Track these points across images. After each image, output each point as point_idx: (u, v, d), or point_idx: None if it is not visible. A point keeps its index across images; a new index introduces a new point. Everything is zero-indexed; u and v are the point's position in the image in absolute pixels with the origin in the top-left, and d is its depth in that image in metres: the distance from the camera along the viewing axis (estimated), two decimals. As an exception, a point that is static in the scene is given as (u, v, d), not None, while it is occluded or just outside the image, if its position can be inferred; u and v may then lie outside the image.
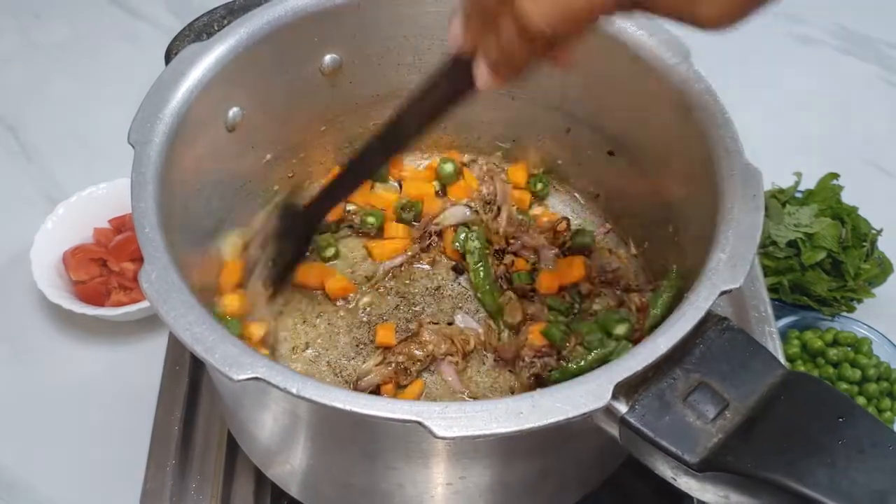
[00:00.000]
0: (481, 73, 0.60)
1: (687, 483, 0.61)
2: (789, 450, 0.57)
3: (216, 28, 0.98)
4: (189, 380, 0.93)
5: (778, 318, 1.02)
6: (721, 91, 0.77)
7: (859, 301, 1.11)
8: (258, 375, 0.58)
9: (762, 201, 0.69)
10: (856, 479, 0.55)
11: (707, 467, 0.58)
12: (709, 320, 0.64)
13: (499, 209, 0.98)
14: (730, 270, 0.64)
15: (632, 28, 0.82)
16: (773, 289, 1.09)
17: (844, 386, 1.05)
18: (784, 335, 1.09)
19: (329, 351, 0.91)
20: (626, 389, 0.60)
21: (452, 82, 0.66)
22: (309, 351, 0.90)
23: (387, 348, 0.89)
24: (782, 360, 0.93)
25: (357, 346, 0.91)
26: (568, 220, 0.98)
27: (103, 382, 1.11)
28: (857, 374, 1.05)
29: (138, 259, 1.10)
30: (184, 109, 0.76)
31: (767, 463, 0.56)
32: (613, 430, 0.62)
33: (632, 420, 0.60)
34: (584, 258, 0.93)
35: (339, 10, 0.86)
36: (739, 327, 0.65)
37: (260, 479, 0.87)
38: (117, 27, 1.59)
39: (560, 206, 1.02)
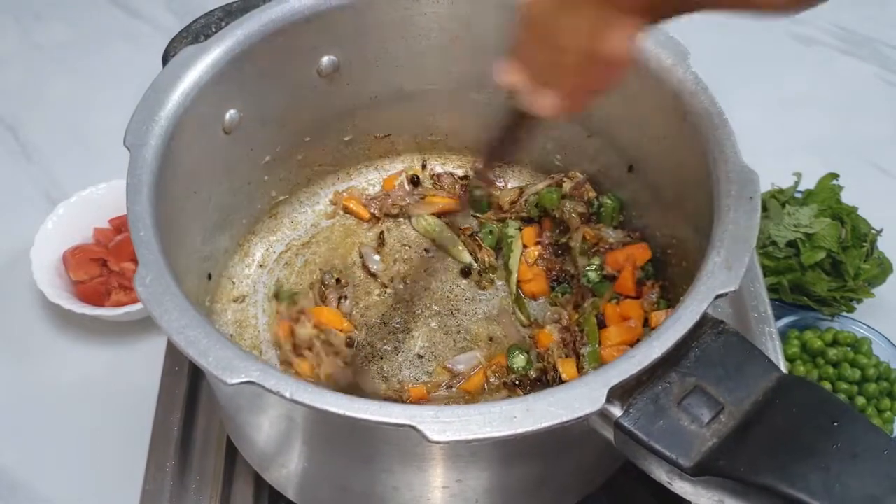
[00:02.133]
0: (546, 104, 0.60)
1: (681, 487, 0.61)
2: (783, 454, 0.57)
3: (214, 30, 0.97)
4: (188, 380, 0.93)
5: (778, 318, 1.02)
6: (720, 91, 0.77)
7: (859, 301, 1.10)
8: (252, 379, 0.58)
9: (758, 204, 0.68)
10: (849, 483, 0.55)
11: (701, 472, 0.58)
12: (705, 323, 0.64)
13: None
14: (725, 274, 0.64)
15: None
16: (772, 289, 1.09)
17: (844, 386, 1.05)
18: (784, 335, 1.09)
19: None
20: (620, 393, 0.60)
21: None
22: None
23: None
24: (782, 361, 0.93)
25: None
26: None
27: (103, 382, 1.11)
28: (857, 373, 1.05)
29: (138, 260, 1.10)
30: (180, 112, 0.76)
31: (761, 467, 0.56)
32: (608, 434, 0.62)
33: (626, 424, 0.60)
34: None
35: (336, 13, 0.86)
36: (735, 330, 0.65)
37: (259, 479, 0.87)
38: (117, 27, 1.59)
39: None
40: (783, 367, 0.93)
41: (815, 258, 1.08)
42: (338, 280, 0.95)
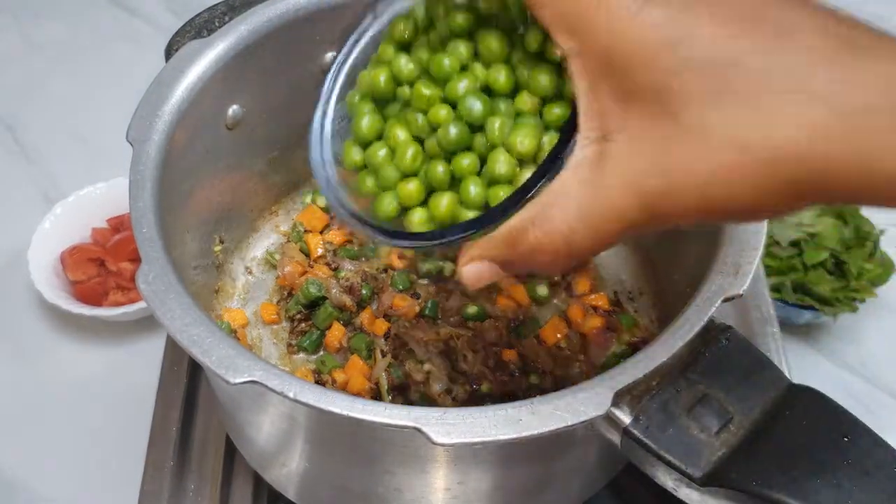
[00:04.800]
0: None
1: (688, 495, 0.60)
2: (794, 468, 0.56)
3: (217, 25, 0.97)
4: (187, 380, 0.93)
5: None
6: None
7: (862, 301, 1.10)
8: (255, 379, 0.58)
9: None
10: (861, 501, 0.54)
11: (710, 482, 0.57)
12: (712, 329, 0.64)
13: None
14: (732, 277, 0.64)
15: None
16: (775, 289, 1.09)
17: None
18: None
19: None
20: (629, 399, 0.60)
21: None
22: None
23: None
24: (784, 357, 0.93)
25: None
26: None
27: (102, 382, 1.10)
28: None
29: (136, 259, 1.10)
30: (183, 107, 0.75)
31: (772, 481, 0.56)
32: (614, 439, 0.61)
33: (635, 432, 0.59)
34: None
35: (340, 9, 0.86)
36: (743, 336, 0.64)
37: (258, 479, 0.87)
38: (117, 27, 1.59)
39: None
40: (787, 371, 0.93)
41: (818, 258, 1.07)
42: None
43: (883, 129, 0.38)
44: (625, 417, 0.60)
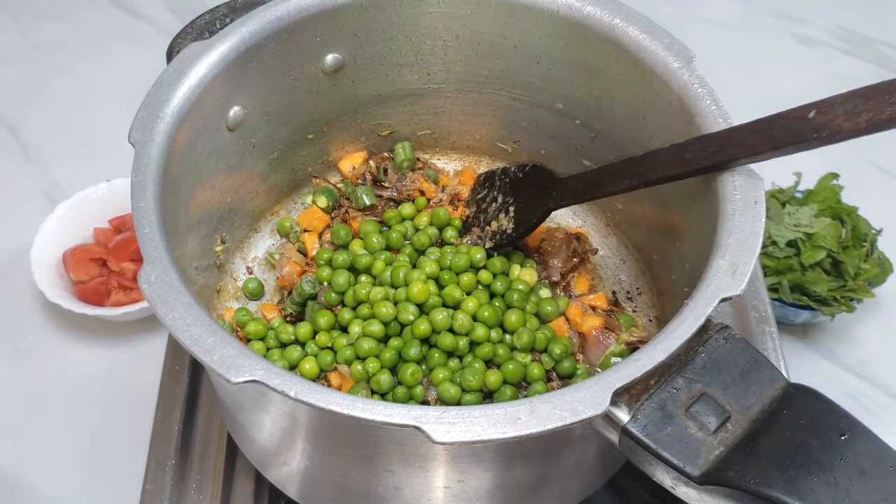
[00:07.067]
0: None
1: (686, 493, 0.60)
2: (791, 467, 0.57)
3: (218, 26, 0.97)
4: (189, 380, 0.93)
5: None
6: (720, 91, 0.77)
7: (859, 301, 1.10)
8: (256, 378, 0.58)
9: (763, 208, 0.68)
10: (858, 499, 0.55)
11: (708, 480, 0.58)
12: (710, 328, 0.64)
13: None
14: (730, 277, 0.64)
15: (635, 32, 0.81)
16: (772, 289, 1.09)
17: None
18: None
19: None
20: (627, 398, 0.60)
21: None
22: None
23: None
24: (782, 357, 0.93)
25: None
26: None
27: (103, 382, 1.11)
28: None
29: (138, 259, 1.10)
30: (185, 108, 0.76)
31: (769, 479, 0.56)
32: (613, 437, 0.61)
33: (634, 430, 0.59)
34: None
35: (341, 10, 0.86)
36: (741, 336, 0.64)
37: (259, 478, 0.87)
38: (117, 27, 1.59)
39: (562, 211, 1.01)
40: (785, 370, 0.93)
41: (816, 258, 1.08)
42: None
43: None
44: (623, 416, 0.60)
